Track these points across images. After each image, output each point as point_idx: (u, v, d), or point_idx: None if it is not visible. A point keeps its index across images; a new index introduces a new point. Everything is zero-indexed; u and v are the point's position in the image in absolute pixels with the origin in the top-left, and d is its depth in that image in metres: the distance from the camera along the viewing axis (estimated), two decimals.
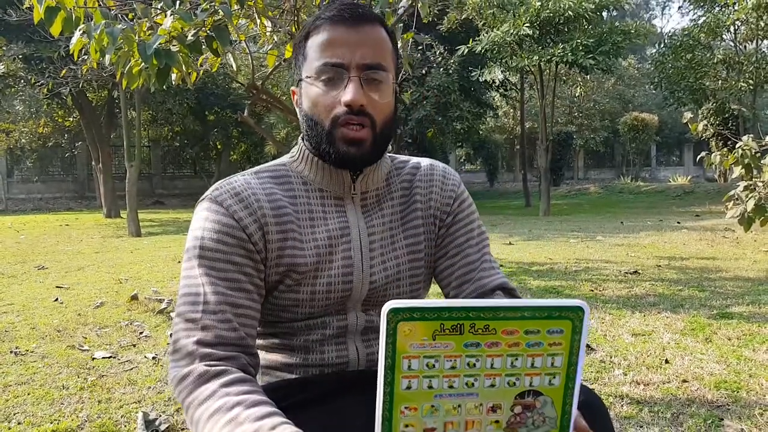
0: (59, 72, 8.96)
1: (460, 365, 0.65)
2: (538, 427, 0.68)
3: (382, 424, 0.66)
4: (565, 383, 0.67)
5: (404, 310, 0.63)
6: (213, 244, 0.98)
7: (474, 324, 0.64)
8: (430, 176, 1.17)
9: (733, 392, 2.27)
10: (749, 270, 5.11)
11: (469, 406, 0.67)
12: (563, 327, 0.65)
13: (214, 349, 0.92)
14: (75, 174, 22.17)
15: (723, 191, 5.70)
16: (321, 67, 0.99)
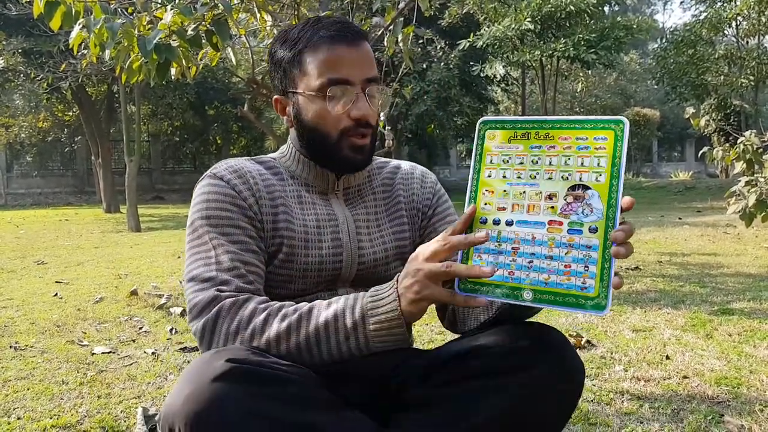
0: (59, 66, 8.95)
1: (526, 161, 0.86)
2: (587, 216, 0.81)
3: (468, 200, 0.91)
4: (609, 180, 0.81)
5: (490, 121, 0.91)
6: (219, 212, 1.07)
7: (538, 132, 0.86)
8: (410, 176, 1.30)
9: (733, 388, 2.27)
10: (750, 266, 5.10)
11: (531, 193, 0.85)
12: (607, 135, 0.82)
13: (237, 294, 1.00)
14: (74, 169, 22.17)
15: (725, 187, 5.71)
16: (325, 83, 1.07)
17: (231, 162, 1.15)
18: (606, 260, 0.80)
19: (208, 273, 1.02)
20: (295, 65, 1.10)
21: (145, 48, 2.45)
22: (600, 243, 0.80)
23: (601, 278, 0.79)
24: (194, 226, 1.08)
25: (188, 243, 1.08)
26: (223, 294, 0.99)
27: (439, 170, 26.31)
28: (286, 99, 1.15)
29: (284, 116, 1.17)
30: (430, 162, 23.42)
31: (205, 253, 1.04)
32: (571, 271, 0.81)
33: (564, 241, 0.82)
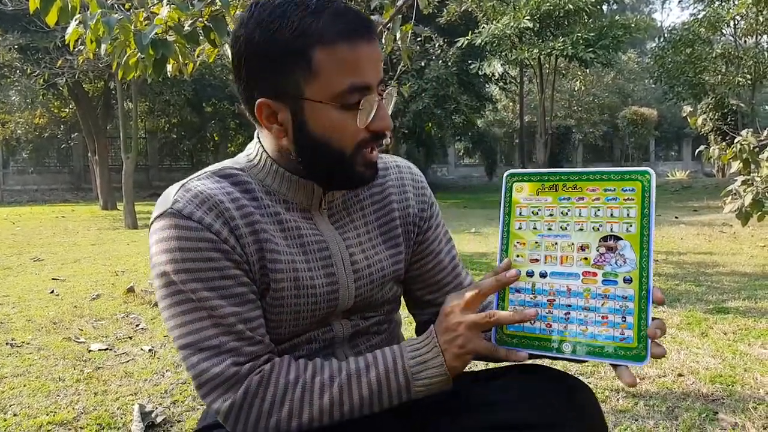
0: (55, 62, 8.92)
1: (555, 213, 0.86)
2: (621, 267, 0.82)
3: (500, 253, 0.90)
4: (640, 231, 0.81)
5: (517, 174, 0.91)
6: (200, 263, 0.87)
7: (566, 184, 0.86)
8: (401, 180, 1.10)
9: (728, 386, 2.27)
10: (746, 265, 5.12)
11: (563, 244, 0.85)
12: (635, 186, 0.83)
13: (255, 361, 0.89)
14: (71, 165, 22.11)
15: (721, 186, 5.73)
16: (346, 90, 0.87)
17: (193, 187, 0.91)
18: (642, 310, 0.81)
19: (209, 341, 0.87)
20: (299, 63, 0.86)
21: (142, 43, 2.45)
22: (636, 293, 0.80)
23: (639, 328, 0.80)
24: (170, 281, 0.88)
25: (165, 301, 0.89)
26: (243, 369, 0.87)
27: (437, 168, 26.31)
28: (279, 104, 0.90)
29: (271, 125, 0.92)
30: (428, 160, 23.42)
31: (196, 314, 0.87)
32: (608, 322, 0.81)
33: (600, 292, 0.82)
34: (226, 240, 0.88)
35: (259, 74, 0.89)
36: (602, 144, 28.23)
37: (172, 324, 0.88)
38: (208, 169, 0.97)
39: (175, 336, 0.89)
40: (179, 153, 24.04)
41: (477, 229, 8.34)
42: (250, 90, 0.91)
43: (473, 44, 13.49)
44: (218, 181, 0.94)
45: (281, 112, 0.91)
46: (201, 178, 0.94)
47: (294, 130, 0.91)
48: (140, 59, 2.94)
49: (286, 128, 0.91)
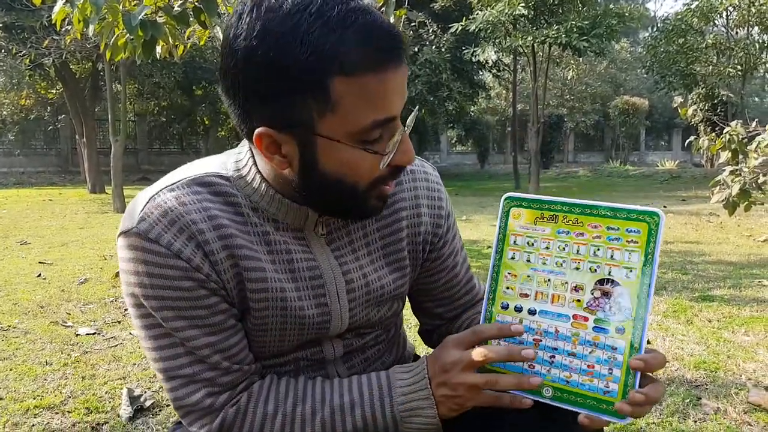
0: (42, 42, 8.80)
1: (552, 247, 0.79)
2: (615, 314, 0.76)
3: (489, 283, 0.83)
4: (640, 278, 0.75)
5: (516, 198, 0.83)
6: (171, 292, 0.79)
7: (566, 216, 0.79)
8: (414, 191, 0.97)
9: (711, 372, 2.30)
10: (732, 254, 5.17)
11: (557, 282, 0.79)
12: (641, 228, 0.77)
13: (231, 391, 0.85)
14: (58, 148, 21.88)
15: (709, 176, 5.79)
16: (369, 126, 0.74)
17: (163, 202, 0.80)
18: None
19: (182, 370, 0.82)
20: (314, 93, 0.71)
21: (131, 24, 2.42)
22: (626, 345, 0.75)
23: (625, 383, 0.75)
24: (140, 303, 0.81)
25: (138, 321, 0.84)
26: (219, 400, 0.83)
27: (430, 156, 26.27)
28: (284, 135, 0.76)
29: (272, 155, 0.78)
30: (421, 148, 23.40)
31: (168, 340, 0.82)
32: (594, 372, 0.76)
33: (589, 339, 0.77)
34: (198, 267, 0.79)
35: (262, 99, 0.74)
36: (593, 133, 28.29)
37: (146, 346, 0.84)
38: (186, 174, 0.84)
39: (149, 358, 0.85)
40: (169, 136, 23.87)
41: (468, 216, 8.36)
42: (248, 113, 0.76)
43: (467, 30, 13.43)
44: (195, 192, 0.82)
45: (286, 144, 0.77)
46: (174, 189, 0.81)
47: (301, 165, 0.78)
48: (129, 40, 2.90)
49: (291, 161, 0.78)
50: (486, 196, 13.11)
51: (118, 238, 0.82)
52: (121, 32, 2.84)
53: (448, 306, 1.05)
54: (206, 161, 0.89)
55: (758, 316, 3.07)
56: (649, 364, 0.74)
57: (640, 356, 0.74)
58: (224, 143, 21.90)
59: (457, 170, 23.29)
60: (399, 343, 1.09)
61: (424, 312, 1.08)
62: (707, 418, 1.92)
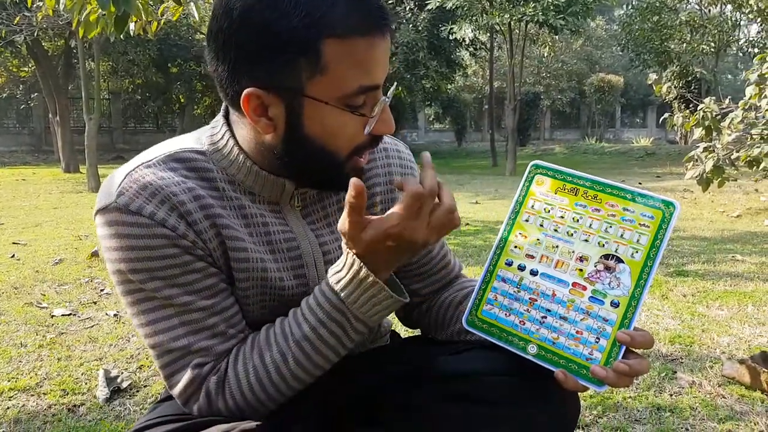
0: (12, 19, 8.55)
1: (567, 217, 0.83)
2: (613, 288, 0.79)
3: (499, 239, 0.86)
4: (644, 260, 0.79)
5: (543, 167, 0.87)
6: (159, 261, 0.78)
7: (587, 191, 0.83)
8: (387, 167, 0.99)
9: (686, 346, 2.35)
10: (706, 230, 5.26)
11: (564, 249, 0.82)
12: (655, 215, 0.80)
13: (217, 362, 0.83)
14: (31, 127, 21.44)
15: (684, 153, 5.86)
16: (356, 90, 0.77)
17: (141, 177, 0.80)
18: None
19: (175, 342, 0.81)
20: (306, 55, 0.74)
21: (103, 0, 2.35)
22: (618, 319, 0.78)
23: (609, 354, 0.77)
24: (127, 279, 0.80)
25: (127, 298, 0.82)
26: (203, 370, 0.82)
27: (408, 133, 26.23)
28: (272, 96, 0.77)
29: (259, 117, 0.79)
30: (399, 126, 23.34)
31: (161, 312, 0.81)
32: (581, 339, 0.79)
33: (583, 307, 0.80)
34: (184, 235, 0.79)
35: (254, 59, 0.75)
36: (569, 110, 28.45)
37: (137, 322, 0.83)
38: (162, 151, 0.85)
39: (141, 334, 0.83)
40: (144, 115, 23.47)
41: None
42: (237, 74, 0.77)
43: (444, 8, 13.34)
44: (172, 168, 0.82)
45: (273, 106, 0.78)
46: (151, 165, 0.82)
47: (286, 128, 0.80)
48: (101, 16, 2.83)
49: (276, 124, 0.80)
50: (464, 174, 13.15)
51: (96, 216, 0.81)
52: (93, 8, 2.77)
53: (424, 282, 1.05)
54: (181, 138, 0.89)
55: (732, 291, 3.14)
56: (635, 340, 0.76)
57: (628, 330, 0.76)
58: (200, 121, 21.57)
59: (435, 148, 23.29)
60: None
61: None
62: (683, 391, 1.96)
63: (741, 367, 1.99)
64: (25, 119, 21.64)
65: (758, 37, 17.63)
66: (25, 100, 20.64)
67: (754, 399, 1.88)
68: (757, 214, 6.15)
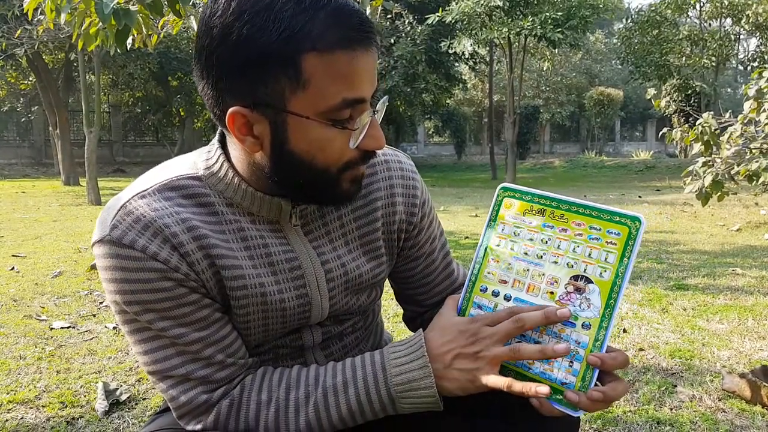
0: (13, 32, 8.60)
1: (536, 239, 0.82)
2: (584, 310, 0.78)
3: (473, 266, 0.85)
4: (613, 279, 0.78)
5: (510, 189, 0.86)
6: (152, 295, 0.78)
7: (554, 211, 0.82)
8: (389, 181, 0.98)
9: (686, 360, 2.34)
10: (705, 243, 5.26)
11: (534, 273, 0.81)
12: (621, 231, 0.79)
13: (227, 386, 0.83)
14: (31, 140, 21.50)
15: (683, 166, 5.88)
16: (339, 104, 0.75)
17: (134, 209, 0.80)
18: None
19: (175, 371, 0.81)
20: (287, 70, 0.73)
21: (103, 13, 2.36)
22: (590, 341, 0.77)
23: (582, 377, 0.76)
24: (123, 310, 0.80)
25: (125, 327, 0.83)
26: (213, 396, 0.82)
27: (407, 147, 26.30)
28: (256, 114, 0.76)
29: (244, 137, 0.78)
30: (399, 139, 23.41)
31: (157, 342, 0.81)
32: (554, 363, 0.78)
33: (555, 330, 0.79)
34: (176, 267, 0.79)
35: (235, 76, 0.75)
36: (569, 124, 28.54)
37: (136, 350, 0.83)
38: (157, 179, 0.84)
39: (141, 362, 0.83)
40: (144, 128, 23.54)
41: (446, 207, 8.38)
42: (221, 93, 0.77)
43: (443, 22, 13.43)
44: (167, 197, 0.82)
45: (258, 124, 0.77)
46: (146, 195, 0.81)
47: (272, 146, 0.78)
48: (101, 29, 2.85)
49: (262, 142, 0.79)
50: (463, 187, 13.17)
51: (93, 247, 0.81)
52: (94, 21, 2.79)
53: (428, 293, 1.06)
54: (176, 162, 0.88)
55: (732, 305, 3.13)
56: (606, 363, 0.75)
57: (598, 353, 0.75)
58: (200, 134, 21.65)
59: (435, 161, 23.35)
60: (376, 331, 1.10)
61: (405, 299, 1.09)
62: (683, 405, 1.96)
63: (741, 381, 1.99)
64: (26, 132, 21.71)
65: (757, 51, 17.74)
66: (25, 113, 20.72)
67: (755, 413, 1.87)
68: (757, 227, 6.16)
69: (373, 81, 0.79)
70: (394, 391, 0.81)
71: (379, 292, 1.04)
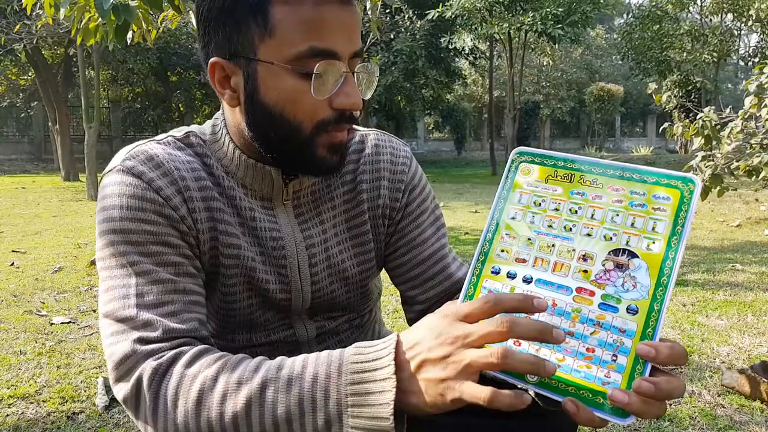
0: (12, 27, 8.59)
1: (562, 209, 0.68)
2: (628, 291, 0.63)
3: (482, 244, 0.70)
4: (665, 252, 0.63)
5: (528, 153, 0.72)
6: (138, 224, 0.77)
7: (584, 176, 0.69)
8: (376, 162, 0.95)
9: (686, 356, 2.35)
10: (705, 239, 5.26)
11: (562, 248, 0.67)
12: (671, 195, 0.66)
13: (162, 344, 0.72)
14: (31, 135, 21.44)
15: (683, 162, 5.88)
16: (305, 53, 0.74)
17: (151, 149, 0.82)
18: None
19: (125, 311, 0.73)
20: (256, 18, 0.75)
21: (102, 8, 2.36)
22: (639, 329, 0.61)
23: (631, 374, 0.60)
24: (105, 241, 0.77)
25: (100, 263, 0.79)
26: (142, 350, 0.70)
27: (407, 142, 26.26)
28: (232, 65, 0.79)
29: (224, 89, 0.81)
30: (398, 134, 23.39)
31: (123, 280, 0.75)
32: (594, 357, 0.62)
33: (592, 317, 0.63)
34: (175, 207, 0.79)
35: (215, 29, 0.78)
36: (569, 120, 28.51)
37: (101, 290, 0.78)
38: (171, 133, 0.88)
39: (100, 303, 0.78)
40: (143, 123, 23.49)
41: (446, 203, 8.38)
42: (206, 47, 0.81)
43: (443, 17, 13.41)
44: (180, 147, 0.85)
45: (234, 75, 0.80)
46: (161, 142, 0.85)
47: (245, 97, 0.79)
48: (101, 25, 2.84)
49: (239, 95, 0.80)
50: (463, 183, 13.16)
51: (102, 178, 0.82)
52: (93, 16, 2.78)
53: (420, 288, 0.98)
54: (188, 127, 0.92)
55: (732, 300, 3.13)
56: (662, 354, 0.58)
57: (651, 342, 0.59)
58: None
59: (435, 157, 23.33)
60: (374, 329, 1.07)
61: (404, 299, 1.02)
62: (682, 401, 1.96)
63: (740, 376, 1.99)
64: (25, 128, 21.66)
65: (758, 46, 17.72)
66: (24, 109, 20.69)
67: (754, 409, 1.88)
68: (757, 223, 6.16)
69: (351, 38, 0.77)
70: (344, 403, 0.63)
71: (376, 291, 1.01)
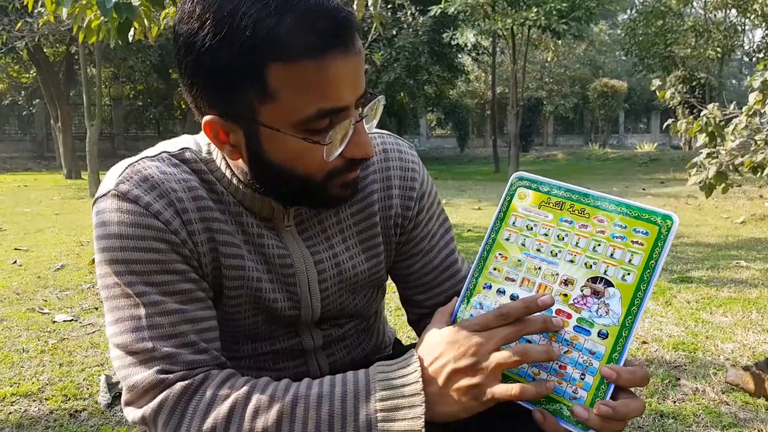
0: (14, 25, 8.59)
1: (551, 234, 0.74)
2: (601, 317, 0.69)
3: (478, 261, 0.77)
4: (637, 284, 0.69)
5: (526, 179, 0.78)
6: (141, 254, 0.74)
7: (573, 205, 0.74)
8: (386, 172, 0.91)
9: (690, 353, 2.34)
10: (710, 236, 5.24)
11: (547, 272, 0.73)
12: (649, 230, 0.71)
13: (189, 371, 0.73)
14: (33, 133, 21.49)
15: (688, 159, 5.86)
16: (314, 115, 0.69)
17: (145, 169, 0.77)
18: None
19: (141, 344, 0.72)
20: (253, 82, 0.68)
21: (105, 6, 2.35)
22: (606, 352, 0.68)
23: (595, 392, 0.67)
24: (107, 270, 0.75)
25: (104, 292, 0.77)
26: (171, 377, 0.72)
27: (409, 139, 26.19)
28: (230, 123, 0.73)
29: (223, 144, 0.75)
30: (401, 131, 23.36)
31: (131, 311, 0.74)
32: (564, 374, 0.69)
33: (567, 338, 0.70)
34: (176, 231, 0.75)
35: (204, 86, 0.71)
36: (572, 116, 28.43)
37: (108, 321, 0.77)
38: (165, 148, 0.82)
39: (109, 336, 0.76)
40: (145, 121, 23.53)
41: (448, 200, 8.37)
42: (196, 101, 0.74)
43: (446, 13, 13.37)
44: (175, 164, 0.79)
45: (233, 133, 0.73)
46: (155, 159, 0.79)
47: (249, 155, 0.74)
48: (103, 23, 2.84)
49: (240, 151, 0.75)
50: (466, 180, 13.15)
51: (94, 205, 0.78)
52: (95, 14, 2.78)
53: (428, 293, 0.98)
54: (182, 139, 0.86)
55: (736, 297, 3.12)
56: (622, 378, 0.66)
57: (614, 366, 0.67)
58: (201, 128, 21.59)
59: (437, 154, 23.31)
60: (379, 329, 1.06)
61: (407, 300, 1.02)
62: (686, 398, 1.95)
63: (745, 374, 1.98)
64: (27, 125, 21.70)
65: (763, 41, 17.64)
66: (26, 107, 20.72)
67: (758, 406, 1.86)
68: (761, 220, 6.13)
69: (356, 84, 0.71)
70: (374, 418, 0.70)
71: (380, 294, 1.00)
